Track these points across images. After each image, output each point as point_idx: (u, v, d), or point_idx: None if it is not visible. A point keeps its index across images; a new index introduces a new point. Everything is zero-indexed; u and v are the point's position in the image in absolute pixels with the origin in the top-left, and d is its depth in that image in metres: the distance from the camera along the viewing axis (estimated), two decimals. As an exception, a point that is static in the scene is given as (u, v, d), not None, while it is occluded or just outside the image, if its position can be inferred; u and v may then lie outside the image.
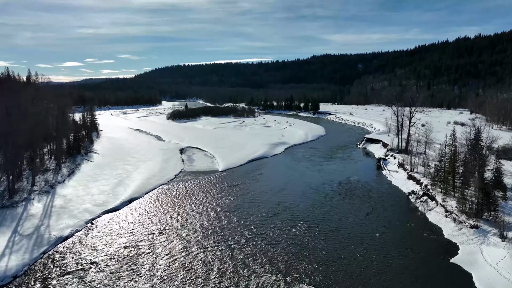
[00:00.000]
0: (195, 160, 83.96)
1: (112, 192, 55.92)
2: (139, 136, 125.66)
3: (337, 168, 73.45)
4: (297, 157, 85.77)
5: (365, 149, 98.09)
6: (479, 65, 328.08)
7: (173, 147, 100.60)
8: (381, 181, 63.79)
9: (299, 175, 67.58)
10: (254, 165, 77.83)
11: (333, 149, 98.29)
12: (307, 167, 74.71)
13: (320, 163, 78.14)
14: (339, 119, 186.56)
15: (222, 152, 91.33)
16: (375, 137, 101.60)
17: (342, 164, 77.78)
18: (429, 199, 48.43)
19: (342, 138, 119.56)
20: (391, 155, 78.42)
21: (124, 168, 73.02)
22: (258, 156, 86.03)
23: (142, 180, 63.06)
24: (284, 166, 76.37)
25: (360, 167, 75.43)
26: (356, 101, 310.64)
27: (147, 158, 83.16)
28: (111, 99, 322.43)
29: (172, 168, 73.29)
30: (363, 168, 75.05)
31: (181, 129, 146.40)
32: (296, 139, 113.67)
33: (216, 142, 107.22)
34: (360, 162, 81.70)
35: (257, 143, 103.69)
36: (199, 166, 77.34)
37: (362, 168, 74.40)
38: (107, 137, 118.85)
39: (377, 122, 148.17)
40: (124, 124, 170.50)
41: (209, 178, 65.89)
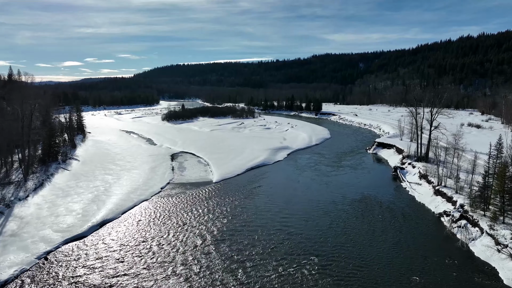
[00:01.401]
0: (186, 168, 74.55)
1: (83, 212, 46.52)
2: (129, 139, 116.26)
3: (348, 180, 64.00)
4: (301, 165, 76.38)
5: (376, 154, 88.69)
6: (485, 63, 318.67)
7: (164, 152, 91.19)
8: (402, 196, 54.37)
9: (304, 189, 58.12)
10: (253, 174, 68.46)
11: (341, 154, 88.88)
12: (312, 178, 65.26)
13: (328, 173, 68.70)
14: (343, 120, 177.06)
15: (218, 158, 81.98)
16: (386, 141, 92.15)
17: (353, 174, 68.35)
18: (469, 225, 39.04)
19: (348, 142, 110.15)
20: (408, 163, 69.04)
21: (104, 179, 63.60)
22: (258, 164, 76.63)
23: (122, 195, 53.70)
24: (286, 176, 66.94)
25: (374, 178, 65.98)
26: (359, 101, 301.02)
27: (133, 166, 73.76)
28: (107, 99, 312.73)
29: (159, 179, 63.88)
30: (377, 179, 65.59)
31: (175, 131, 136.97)
32: (299, 143, 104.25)
33: (212, 147, 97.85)
34: (373, 171, 72.28)
35: (257, 147, 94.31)
36: (191, 175, 67.95)
37: (376, 179, 64.95)
38: (94, 141, 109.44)
39: (385, 124, 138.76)
40: (116, 126, 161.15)
41: (200, 192, 56.48)
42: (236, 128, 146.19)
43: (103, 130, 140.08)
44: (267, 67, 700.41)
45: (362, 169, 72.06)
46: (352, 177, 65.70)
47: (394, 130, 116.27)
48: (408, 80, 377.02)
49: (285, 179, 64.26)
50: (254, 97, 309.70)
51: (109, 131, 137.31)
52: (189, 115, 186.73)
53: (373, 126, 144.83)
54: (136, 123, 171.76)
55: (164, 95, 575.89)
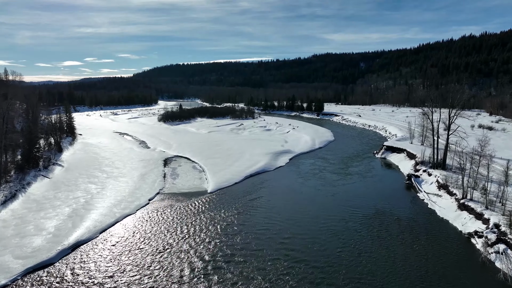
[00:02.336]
0: (179, 175, 68.21)
1: (55, 230, 40.19)
2: (122, 142, 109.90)
3: (357, 190, 57.62)
4: (305, 172, 70.02)
5: (384, 159, 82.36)
6: (490, 63, 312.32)
7: (157, 156, 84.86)
8: (420, 210, 48.02)
9: (308, 203, 51.75)
10: (251, 183, 62.11)
11: (347, 159, 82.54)
12: (317, 188, 58.87)
13: (334, 182, 62.30)
14: (347, 121, 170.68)
15: (215, 164, 75.69)
16: (396, 144, 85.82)
17: (362, 183, 61.97)
18: (510, 251, 32.71)
19: (354, 145, 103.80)
20: (423, 170, 62.72)
21: (87, 188, 57.27)
22: (257, 170, 70.27)
23: (103, 209, 47.37)
24: (288, 186, 60.58)
25: (386, 187, 59.59)
26: (361, 101, 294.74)
27: (121, 174, 67.41)
28: (103, 99, 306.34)
29: (148, 189, 57.54)
30: (390, 188, 59.20)
31: (171, 132, 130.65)
32: (301, 146, 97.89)
33: (209, 150, 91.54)
34: (384, 179, 65.88)
35: (257, 151, 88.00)
36: (184, 184, 61.61)
37: (389, 189, 58.56)
38: (84, 143, 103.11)
39: (391, 125, 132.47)
40: (110, 127, 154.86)
41: (192, 204, 50.14)
42: (235, 129, 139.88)
43: (95, 132, 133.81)
44: (267, 66, 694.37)
45: (371, 177, 65.67)
46: (361, 187, 59.32)
47: (402, 132, 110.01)
48: (411, 79, 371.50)
49: (287, 190, 57.89)
50: (254, 97, 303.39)
51: (101, 133, 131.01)
52: (187, 116, 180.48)
53: (378, 127, 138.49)
54: (131, 124, 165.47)
55: (163, 95, 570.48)
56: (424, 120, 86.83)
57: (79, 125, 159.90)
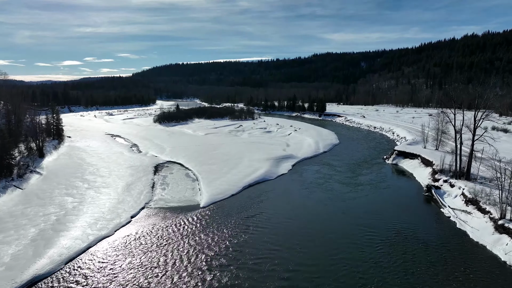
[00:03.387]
0: (170, 185, 61.07)
1: (10, 261, 33.05)
2: (112, 145, 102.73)
3: (371, 204, 50.46)
4: (309, 181, 62.86)
5: (396, 165, 75.25)
6: (496, 62, 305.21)
7: (147, 162, 77.74)
8: (449, 231, 40.83)
9: (316, 221, 44.62)
10: (250, 195, 54.99)
11: (354, 166, 75.44)
12: (324, 202, 51.70)
13: (343, 194, 55.14)
14: (350, 122, 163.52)
15: (210, 171, 68.61)
16: (408, 149, 78.68)
17: (375, 195, 54.85)
18: None
19: (361, 149, 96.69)
20: (444, 180, 55.63)
21: (63, 202, 50.14)
22: (257, 179, 63.14)
23: (76, 230, 40.27)
24: (292, 199, 53.48)
25: (404, 201, 52.43)
26: (364, 101, 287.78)
27: (104, 183, 60.29)
28: (100, 99, 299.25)
29: (132, 202, 50.44)
30: (408, 202, 52.04)
31: (166, 135, 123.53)
32: (305, 151, 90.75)
33: (205, 155, 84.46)
34: (399, 190, 58.71)
35: (256, 156, 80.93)
36: (174, 196, 54.48)
37: (407, 203, 51.40)
38: (70, 147, 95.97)
39: (398, 127, 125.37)
40: (103, 128, 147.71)
41: (179, 223, 43.01)
42: (234, 131, 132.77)
43: (86, 134, 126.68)
44: (267, 66, 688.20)
45: (385, 188, 58.50)
46: (375, 201, 52.18)
47: (411, 135, 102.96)
48: (413, 79, 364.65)
49: (290, 205, 50.74)
50: (253, 97, 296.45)
51: (92, 135, 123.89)
52: (184, 117, 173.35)
53: (385, 129, 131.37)
54: (126, 125, 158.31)
55: (162, 95, 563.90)
56: (439, 122, 79.96)
57: (71, 126, 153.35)
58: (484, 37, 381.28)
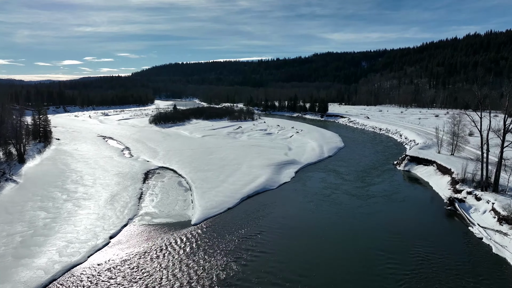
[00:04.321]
0: (159, 195, 54.67)
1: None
2: (102, 148, 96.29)
3: (387, 222, 44.09)
4: (315, 192, 56.47)
5: (409, 172, 68.88)
6: (501, 62, 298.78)
7: (137, 168, 71.36)
8: (484, 258, 34.45)
9: (324, 244, 38.34)
10: (248, 208, 48.63)
11: (363, 173, 69.05)
12: (333, 219, 45.32)
13: (354, 209, 48.69)
14: (354, 124, 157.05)
15: (205, 179, 62.25)
16: (421, 154, 72.28)
17: (390, 210, 48.51)
18: None
19: (368, 153, 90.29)
20: (467, 192, 49.29)
21: (33, 219, 43.71)
22: (257, 189, 56.77)
23: (41, 256, 33.92)
24: (295, 215, 47.11)
25: (424, 217, 46.01)
26: (366, 101, 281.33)
27: (86, 194, 53.89)
28: (96, 99, 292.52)
29: (114, 219, 44.04)
30: (429, 218, 45.62)
31: (161, 137, 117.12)
32: (308, 155, 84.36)
33: (200, 160, 78.09)
34: (416, 202, 52.29)
35: (256, 162, 74.57)
36: (162, 210, 48.09)
37: (428, 220, 44.98)
38: (57, 151, 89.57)
39: (406, 129, 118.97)
40: (96, 129, 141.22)
41: (165, 247, 36.60)
42: (233, 133, 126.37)
43: (77, 136, 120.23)
44: (267, 65, 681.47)
45: (401, 201, 52.06)
46: (391, 217, 45.79)
47: (421, 138, 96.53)
48: (416, 79, 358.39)
49: (293, 222, 44.34)
50: (253, 97, 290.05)
51: (83, 137, 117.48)
52: (181, 117, 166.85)
53: (391, 131, 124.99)
54: (120, 127, 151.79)
55: (161, 94, 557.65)
56: (455, 125, 73.67)
57: (63, 127, 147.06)
58: (488, 36, 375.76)
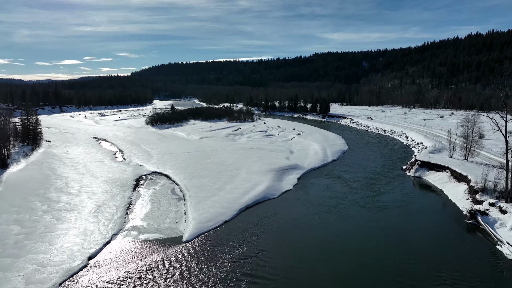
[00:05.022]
0: (149, 206, 49.86)
1: None
2: (94, 151, 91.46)
3: (403, 241, 39.21)
4: (319, 202, 51.67)
5: (419, 179, 64.06)
6: (505, 61, 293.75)
7: (128, 174, 66.57)
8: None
9: (332, 268, 33.61)
10: (247, 221, 43.84)
11: (371, 180, 64.22)
12: (341, 236, 40.52)
13: (364, 223, 43.74)
14: (357, 125, 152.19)
15: (200, 186, 57.48)
16: (433, 159, 67.44)
17: (406, 224, 43.71)
18: None
19: (374, 157, 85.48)
20: (489, 203, 44.47)
21: (3, 236, 38.80)
22: (257, 199, 51.96)
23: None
24: (298, 231, 42.29)
25: (443, 233, 41.13)
26: (368, 102, 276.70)
27: (69, 205, 49.06)
28: (93, 98, 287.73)
29: (96, 235, 39.23)
30: (450, 234, 40.75)
31: (156, 139, 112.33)
32: (311, 160, 79.54)
33: (196, 165, 73.30)
34: (433, 214, 47.44)
35: (255, 167, 69.78)
36: (151, 224, 43.25)
37: (449, 236, 40.07)
38: (45, 154, 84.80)
39: (412, 131, 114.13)
40: (91, 130, 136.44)
41: (150, 270, 31.75)
42: (231, 135, 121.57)
43: (70, 137, 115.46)
44: (267, 65, 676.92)
45: (416, 214, 47.17)
46: (405, 232, 40.97)
47: (430, 141, 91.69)
48: (418, 79, 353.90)
49: (297, 239, 39.55)
50: (253, 97, 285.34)
51: (76, 139, 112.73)
52: (178, 118, 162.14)
53: (396, 133, 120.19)
54: (115, 128, 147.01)
55: (160, 94, 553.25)
56: (469, 128, 68.87)
57: (56, 128, 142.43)
58: (490, 36, 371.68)
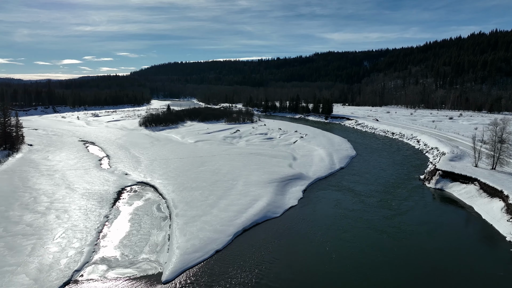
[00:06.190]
0: (127, 227, 41.74)
1: None
2: (78, 157, 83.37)
3: (440, 281, 31.29)
4: (329, 224, 43.69)
5: (442, 191, 56.04)
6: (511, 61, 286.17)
7: (110, 185, 58.52)
8: None
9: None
10: (244, 250, 35.80)
11: (386, 194, 56.20)
12: (362, 273, 32.58)
13: (385, 255, 35.89)
14: (363, 127, 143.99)
15: (190, 202, 49.45)
16: (457, 169, 59.34)
17: (434, 254, 35.77)
18: None
19: (385, 165, 77.41)
20: (539, 228, 36.43)
21: None
22: (256, 218, 43.91)
23: None
24: (305, 265, 34.33)
25: (491, 272, 33.13)
26: (371, 102, 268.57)
27: (31, 228, 40.98)
28: (88, 98, 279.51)
29: (53, 273, 31.20)
30: (497, 270, 32.81)
31: (149, 142, 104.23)
32: (316, 167, 71.45)
33: (188, 173, 65.25)
34: (470, 243, 39.43)
35: (255, 176, 61.73)
36: (125, 255, 35.18)
37: (498, 276, 32.14)
38: (22, 160, 76.72)
39: (424, 134, 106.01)
40: (80, 132, 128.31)
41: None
42: (229, 138, 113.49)
43: (55, 141, 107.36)
44: (268, 65, 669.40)
45: (447, 240, 39.09)
46: (438, 267, 32.95)
47: (446, 146, 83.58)
48: (422, 78, 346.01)
49: (304, 279, 31.54)
50: (253, 97, 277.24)
51: (62, 142, 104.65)
52: (174, 119, 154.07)
53: (406, 136, 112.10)
54: (107, 129, 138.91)
55: (159, 94, 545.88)
56: (497, 133, 60.80)
57: (44, 130, 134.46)
58: (494, 35, 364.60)
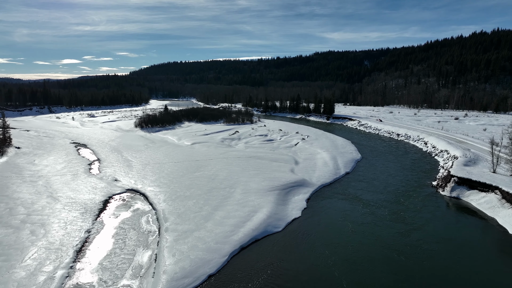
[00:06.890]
0: (109, 244, 36.99)
1: None
2: (67, 161, 78.55)
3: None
4: (336, 241, 39.01)
5: (458, 200, 51.32)
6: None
7: (97, 194, 53.79)
8: None
9: None
10: (240, 273, 31.11)
11: (397, 204, 51.47)
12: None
13: (404, 280, 31.16)
14: (366, 128, 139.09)
15: (183, 213, 44.71)
16: (473, 175, 54.59)
17: (461, 280, 30.99)
18: None
19: (393, 169, 72.59)
20: None
21: None
22: (255, 234, 39.17)
23: None
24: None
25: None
26: (373, 102, 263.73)
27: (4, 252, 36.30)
28: (85, 98, 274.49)
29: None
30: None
31: (143, 144, 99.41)
32: (320, 172, 66.65)
33: (182, 179, 60.49)
34: (494, 263, 34.73)
35: (254, 183, 56.96)
36: (102, 280, 30.46)
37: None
38: (5, 165, 71.93)
39: (431, 136, 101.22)
40: (73, 134, 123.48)
41: None
42: (228, 139, 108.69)
43: (46, 143, 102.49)
44: (267, 64, 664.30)
45: (473, 263, 34.48)
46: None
47: (456, 149, 78.81)
48: (424, 78, 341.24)
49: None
50: (253, 96, 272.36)
51: (52, 144, 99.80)
52: (171, 120, 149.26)
53: (412, 137, 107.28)
54: (101, 131, 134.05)
55: (158, 94, 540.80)
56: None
57: (36, 131, 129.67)
58: (497, 34, 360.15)
